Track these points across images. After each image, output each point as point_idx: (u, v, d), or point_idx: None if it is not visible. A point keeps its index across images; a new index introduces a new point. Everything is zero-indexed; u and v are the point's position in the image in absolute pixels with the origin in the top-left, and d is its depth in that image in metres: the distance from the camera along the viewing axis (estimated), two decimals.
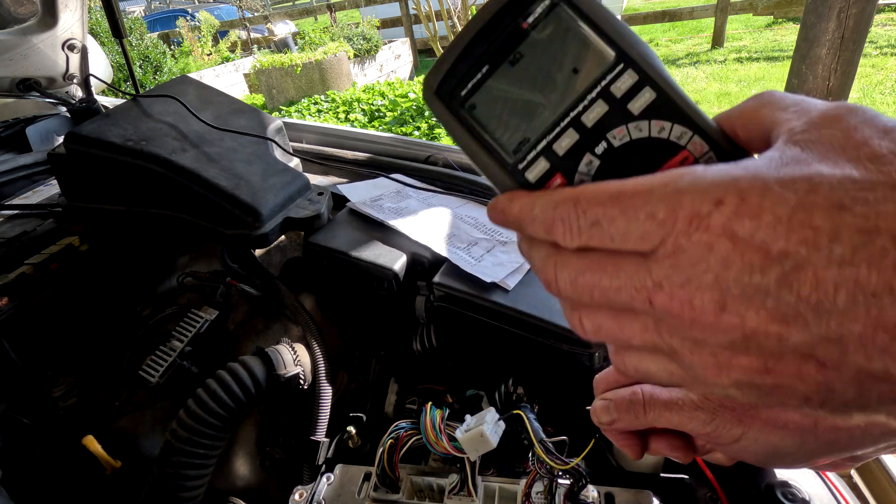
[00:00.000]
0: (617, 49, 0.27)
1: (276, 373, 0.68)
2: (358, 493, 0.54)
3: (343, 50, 5.84)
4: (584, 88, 0.27)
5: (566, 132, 0.28)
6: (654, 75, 0.27)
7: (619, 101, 0.27)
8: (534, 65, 0.28)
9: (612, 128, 0.27)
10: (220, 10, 11.81)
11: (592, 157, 0.27)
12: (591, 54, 0.27)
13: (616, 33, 0.27)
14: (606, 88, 0.27)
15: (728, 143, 0.27)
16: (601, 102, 0.27)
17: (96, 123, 0.83)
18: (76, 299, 0.84)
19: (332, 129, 1.25)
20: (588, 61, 0.27)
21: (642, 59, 0.27)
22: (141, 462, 0.73)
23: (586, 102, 0.27)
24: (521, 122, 0.29)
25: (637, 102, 0.27)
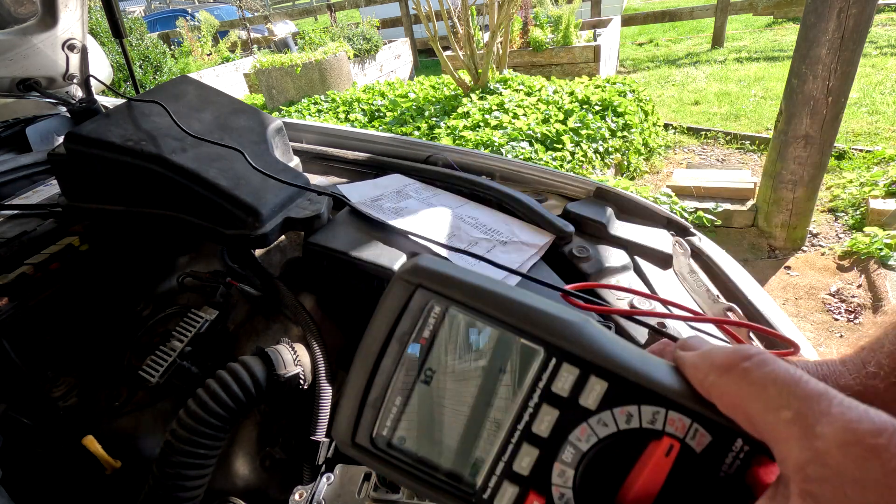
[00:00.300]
0: (542, 342, 0.24)
1: (276, 373, 0.68)
2: (358, 493, 0.54)
3: (343, 50, 5.83)
4: (522, 396, 0.24)
5: (521, 448, 0.24)
6: (597, 360, 0.23)
7: (569, 400, 0.23)
8: (452, 378, 0.24)
9: (573, 429, 0.23)
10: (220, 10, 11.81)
11: (564, 467, 0.23)
12: (513, 353, 0.24)
13: (534, 323, 0.24)
14: (548, 390, 0.23)
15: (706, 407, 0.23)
16: (548, 407, 0.23)
17: (96, 123, 0.83)
18: (76, 299, 0.84)
19: (332, 129, 1.25)
20: (512, 361, 0.24)
21: (576, 344, 0.23)
22: (141, 462, 0.73)
23: (531, 410, 0.24)
24: (463, 444, 0.25)
25: (590, 397, 0.23)
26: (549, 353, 0.23)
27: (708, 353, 0.23)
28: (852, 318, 2.29)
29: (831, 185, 3.35)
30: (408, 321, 0.25)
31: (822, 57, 2.36)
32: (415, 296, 0.25)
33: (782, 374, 0.21)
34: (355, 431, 0.25)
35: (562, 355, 0.23)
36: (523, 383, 0.24)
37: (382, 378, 0.25)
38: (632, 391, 0.23)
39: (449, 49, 5.29)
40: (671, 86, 5.77)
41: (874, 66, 5.21)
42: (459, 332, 0.24)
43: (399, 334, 0.25)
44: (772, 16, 7.82)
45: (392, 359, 0.25)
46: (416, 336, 0.25)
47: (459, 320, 0.24)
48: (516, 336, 0.24)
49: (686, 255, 0.86)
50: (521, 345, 0.24)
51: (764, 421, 0.21)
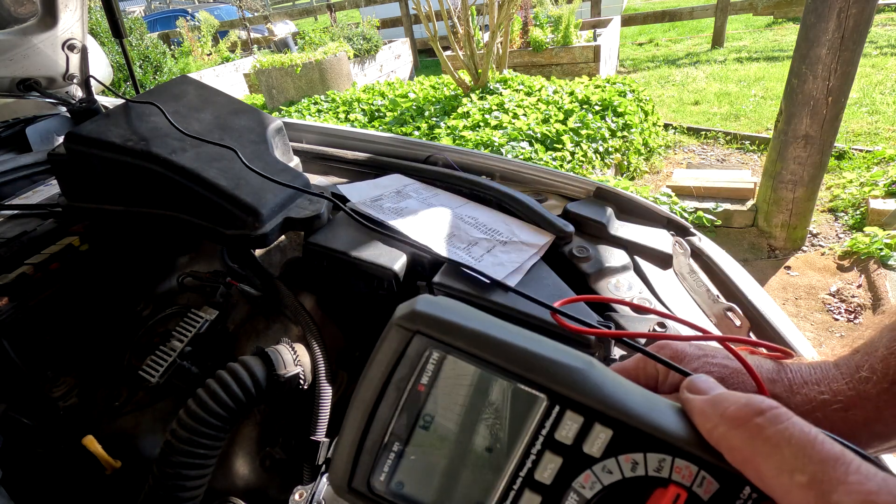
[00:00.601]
0: (544, 389, 0.23)
1: (277, 373, 0.68)
2: None
3: (343, 50, 5.83)
4: (524, 443, 0.23)
5: (523, 495, 0.23)
6: (601, 407, 0.23)
7: (572, 448, 0.23)
8: (451, 424, 0.24)
9: (576, 476, 0.23)
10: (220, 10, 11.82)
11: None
12: (515, 400, 0.23)
13: (537, 370, 0.23)
14: (551, 437, 0.23)
15: (711, 454, 0.23)
16: (551, 455, 0.23)
17: (96, 123, 0.83)
18: (76, 299, 0.84)
19: (332, 129, 1.25)
20: (514, 408, 0.23)
21: (580, 391, 0.23)
22: (141, 462, 0.73)
23: (534, 457, 0.23)
24: (465, 490, 0.24)
25: (594, 445, 0.23)
26: (552, 401, 0.23)
27: (718, 402, 0.23)
28: (852, 318, 2.29)
29: (831, 185, 3.35)
30: (405, 368, 0.24)
31: (822, 57, 2.36)
32: (412, 342, 0.24)
33: (797, 434, 0.20)
34: (352, 476, 0.25)
35: (565, 402, 0.23)
36: (526, 430, 0.23)
37: (380, 424, 0.25)
38: (637, 438, 0.23)
39: (449, 49, 5.29)
40: (671, 86, 5.77)
41: (874, 65, 5.21)
42: (459, 379, 0.24)
43: (396, 380, 0.25)
44: (772, 16, 7.82)
45: (389, 405, 0.25)
46: (413, 383, 0.24)
47: (459, 367, 0.24)
48: (518, 383, 0.23)
49: (686, 255, 0.86)
50: (523, 392, 0.23)
51: (777, 481, 0.20)
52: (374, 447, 0.25)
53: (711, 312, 0.74)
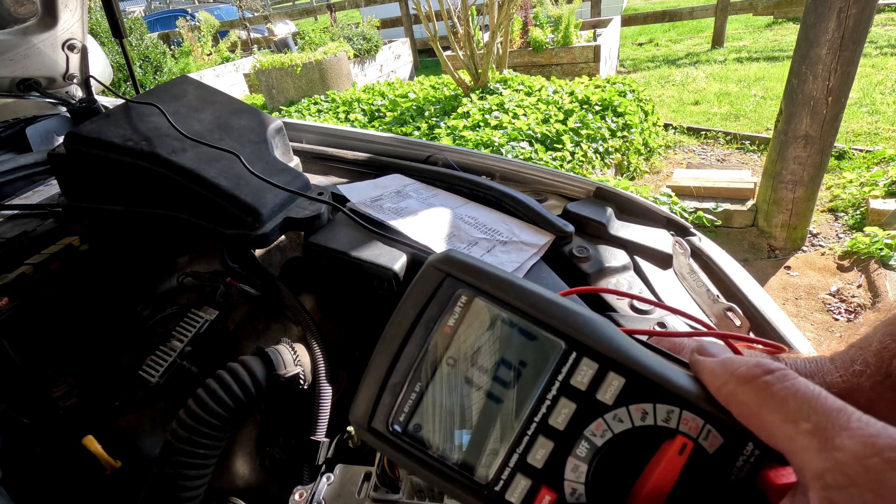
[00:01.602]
0: (564, 336, 0.24)
1: (276, 373, 0.68)
2: (358, 493, 0.54)
3: (343, 50, 5.83)
4: (540, 388, 0.24)
5: (537, 440, 0.24)
6: (616, 356, 0.24)
7: (586, 394, 0.24)
8: (472, 368, 0.25)
9: (588, 423, 0.24)
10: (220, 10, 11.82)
11: (577, 462, 0.24)
12: (535, 346, 0.24)
13: (557, 317, 0.24)
14: (566, 383, 0.24)
15: (718, 410, 0.24)
16: (565, 400, 0.24)
17: (96, 123, 0.83)
18: (76, 299, 0.84)
19: (332, 129, 1.25)
20: (534, 353, 0.24)
21: (597, 340, 0.24)
22: (141, 462, 0.73)
23: (549, 402, 0.24)
24: (478, 435, 0.24)
25: (607, 392, 0.24)
26: (570, 347, 0.24)
27: (728, 362, 0.24)
28: (852, 318, 2.29)
29: (831, 185, 3.35)
30: (435, 308, 0.25)
31: (822, 57, 2.36)
32: (444, 284, 0.25)
33: (802, 389, 0.22)
34: (372, 415, 0.26)
35: (582, 349, 0.24)
36: (543, 376, 0.24)
37: (405, 363, 0.25)
38: (648, 389, 0.24)
39: (449, 49, 5.29)
40: (671, 86, 5.77)
41: (874, 65, 5.21)
42: (484, 323, 0.25)
43: (425, 321, 0.25)
44: (772, 16, 7.82)
45: (416, 345, 0.25)
46: (441, 323, 0.25)
47: (485, 311, 0.25)
48: (539, 328, 0.24)
49: (686, 254, 0.86)
50: (543, 337, 0.24)
51: (782, 431, 0.22)
52: (396, 387, 0.25)
53: (711, 312, 0.74)
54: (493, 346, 0.24)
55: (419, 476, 0.25)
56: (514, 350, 0.24)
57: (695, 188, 3.21)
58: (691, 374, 0.25)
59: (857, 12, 2.21)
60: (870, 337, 0.31)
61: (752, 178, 3.21)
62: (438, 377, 0.25)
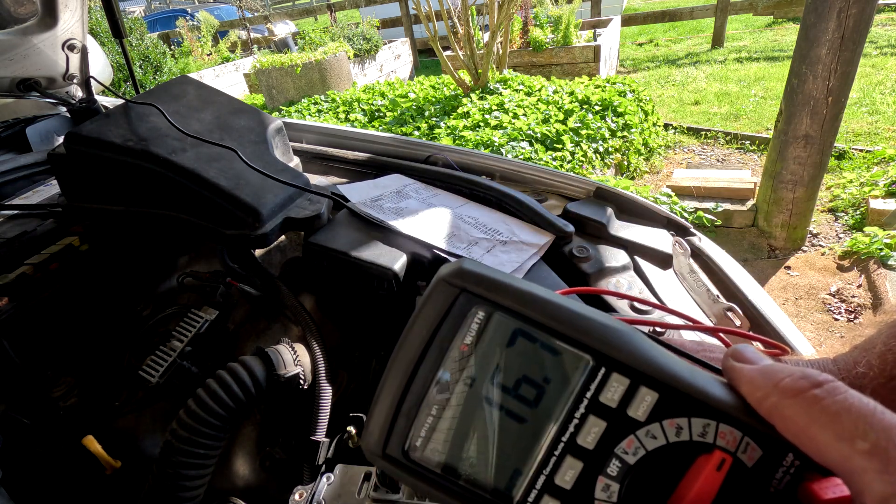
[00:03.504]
0: (591, 350, 0.23)
1: (277, 373, 0.68)
2: (358, 493, 0.54)
3: (343, 50, 5.83)
4: (567, 406, 0.23)
5: (565, 461, 0.23)
6: (648, 370, 0.22)
7: (617, 411, 0.23)
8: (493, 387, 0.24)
9: (619, 441, 0.23)
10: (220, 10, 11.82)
11: (608, 481, 0.23)
12: (559, 362, 0.23)
13: (583, 331, 0.23)
14: (595, 400, 0.23)
15: (757, 421, 0.22)
16: (594, 419, 0.23)
17: (96, 123, 0.83)
18: (76, 299, 0.84)
19: (332, 129, 1.25)
20: (559, 370, 0.23)
21: (627, 353, 0.23)
22: (141, 462, 0.73)
23: (577, 421, 0.23)
24: (502, 457, 0.24)
25: (640, 408, 0.22)
26: (598, 362, 0.23)
27: (770, 372, 0.23)
28: (852, 318, 2.29)
29: (831, 185, 3.35)
30: (449, 327, 0.24)
31: (822, 57, 2.36)
32: (458, 300, 0.24)
33: (857, 404, 0.20)
34: (387, 442, 0.24)
35: (612, 364, 0.23)
36: (570, 393, 0.23)
37: (419, 386, 0.24)
38: (682, 403, 0.22)
39: (449, 49, 5.29)
40: (671, 86, 5.76)
41: (874, 65, 5.21)
42: (504, 340, 0.24)
43: (440, 340, 0.24)
44: (772, 16, 7.82)
45: (430, 366, 0.24)
46: (457, 342, 0.24)
47: (504, 327, 0.23)
48: (564, 343, 0.23)
49: (686, 254, 0.86)
50: (569, 353, 0.23)
51: (835, 450, 0.20)
52: (411, 411, 0.24)
53: (711, 312, 0.74)
54: (515, 364, 0.23)
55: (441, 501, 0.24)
56: (536, 367, 0.23)
57: (695, 188, 3.21)
58: (726, 382, 0.24)
59: (857, 12, 2.21)
60: (874, 339, 0.31)
61: (752, 178, 3.21)
62: (456, 399, 0.24)
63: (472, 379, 0.24)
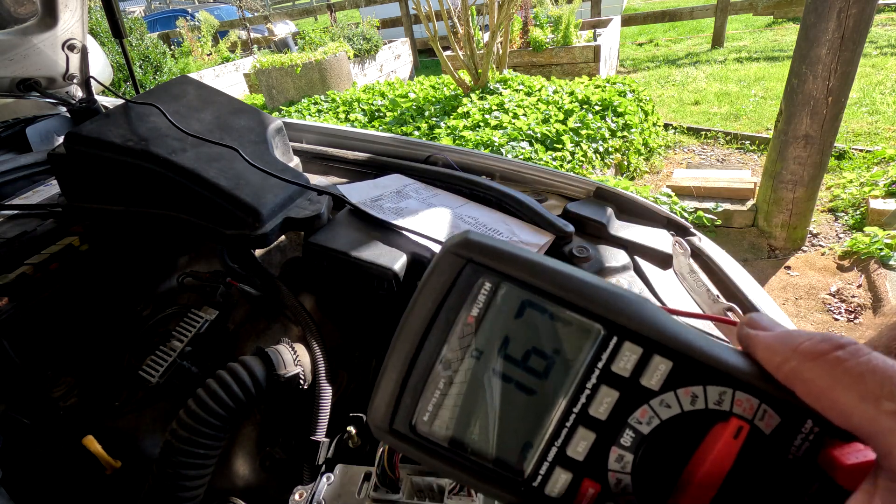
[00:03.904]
0: (602, 320, 0.22)
1: (277, 373, 0.68)
2: (358, 493, 0.54)
3: (343, 50, 5.83)
4: (578, 376, 0.22)
5: (577, 432, 0.23)
6: (661, 338, 0.22)
7: (629, 381, 0.22)
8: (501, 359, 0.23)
9: (633, 411, 0.22)
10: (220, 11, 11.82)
11: (622, 451, 0.23)
12: (570, 331, 0.22)
13: (594, 300, 0.22)
14: (607, 370, 0.22)
15: (774, 387, 0.22)
16: (607, 389, 0.22)
17: (96, 123, 0.83)
18: (76, 299, 0.84)
19: (332, 129, 1.25)
20: (569, 340, 0.23)
21: (640, 322, 0.22)
22: (141, 462, 0.73)
23: (588, 392, 0.22)
24: (512, 430, 0.23)
25: (653, 377, 0.22)
26: (609, 332, 0.22)
27: (789, 337, 0.22)
28: (852, 318, 2.29)
29: (831, 185, 3.35)
30: (455, 298, 0.23)
31: (822, 57, 2.36)
32: (464, 271, 0.23)
33: (881, 365, 0.20)
34: (393, 417, 0.24)
35: (624, 333, 0.22)
36: (580, 364, 0.22)
37: (425, 359, 0.23)
38: (697, 371, 0.22)
39: (449, 49, 5.29)
40: (671, 86, 5.76)
41: (874, 65, 5.21)
42: (512, 311, 0.23)
43: (446, 311, 0.23)
44: (772, 16, 7.82)
45: (436, 339, 0.23)
46: (464, 314, 0.23)
47: (512, 298, 0.23)
48: (575, 313, 0.22)
49: (686, 254, 0.86)
50: (579, 323, 0.22)
51: (860, 412, 0.20)
52: (417, 385, 0.23)
53: (711, 312, 0.74)
54: (523, 335, 0.23)
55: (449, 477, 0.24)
56: (546, 338, 0.23)
57: (695, 188, 3.21)
58: (741, 350, 0.24)
59: (857, 12, 2.21)
60: (875, 340, 0.30)
61: (752, 178, 3.21)
62: (463, 372, 0.23)
63: (480, 351, 0.23)
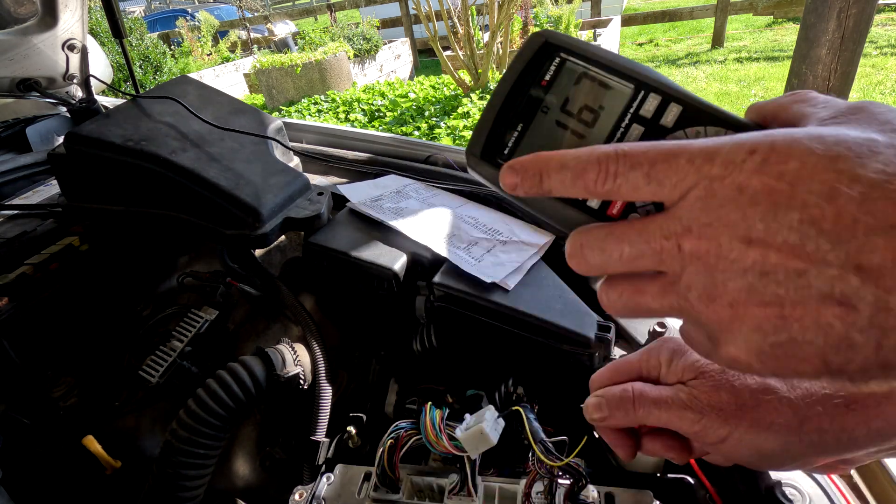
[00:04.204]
0: (633, 81, 0.31)
1: (276, 373, 0.68)
2: (358, 493, 0.54)
3: (343, 50, 5.83)
4: (615, 121, 0.31)
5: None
6: (673, 93, 0.30)
7: (651, 120, 0.30)
8: (564, 111, 0.32)
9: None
10: (220, 10, 11.82)
11: None
12: (611, 92, 0.31)
13: (627, 69, 0.31)
14: (637, 113, 0.30)
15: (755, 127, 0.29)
16: (636, 126, 0.30)
17: (96, 123, 0.83)
18: (76, 299, 0.84)
19: (333, 129, 1.25)
20: (610, 98, 0.31)
21: (658, 83, 0.31)
22: (141, 462, 0.73)
23: (623, 129, 0.30)
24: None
25: (668, 117, 0.30)
26: (638, 87, 0.30)
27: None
28: None
29: None
30: (535, 65, 0.32)
31: (822, 57, 2.36)
32: (542, 47, 0.32)
33: None
34: (485, 147, 0.32)
35: (649, 88, 0.30)
36: (617, 113, 0.30)
37: (510, 108, 0.32)
38: (701, 115, 0.29)
39: (449, 49, 5.29)
40: None
41: (874, 65, 5.21)
42: (572, 80, 0.32)
43: (527, 75, 0.32)
44: (772, 16, 7.82)
45: (519, 92, 0.32)
46: (539, 78, 0.32)
47: (573, 70, 0.32)
48: (616, 78, 0.31)
49: None
50: (618, 84, 0.31)
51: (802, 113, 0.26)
52: (504, 125, 0.32)
53: None
54: (579, 96, 0.31)
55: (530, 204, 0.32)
56: (594, 98, 0.31)
57: None
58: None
59: (857, 12, 2.21)
60: None
61: None
62: (536, 121, 0.32)
63: (548, 107, 0.32)
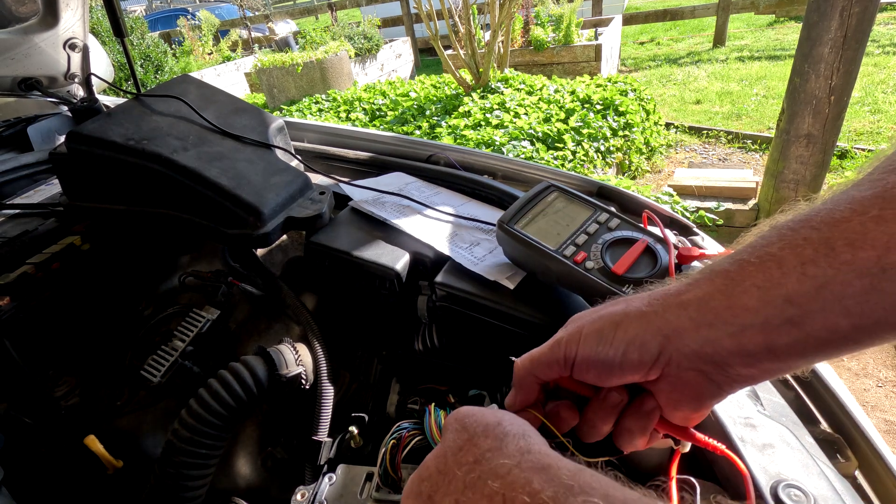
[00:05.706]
0: (593, 206, 0.61)
1: (278, 372, 0.68)
2: (360, 493, 0.54)
3: (344, 49, 5.83)
4: (581, 221, 0.60)
5: (579, 236, 0.59)
6: (616, 212, 0.48)
7: (603, 224, 0.59)
8: (554, 214, 0.61)
9: (603, 234, 0.58)
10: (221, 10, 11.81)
11: (596, 244, 0.58)
12: (581, 210, 0.61)
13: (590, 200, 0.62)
14: (594, 219, 0.60)
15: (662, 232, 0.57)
16: (593, 224, 0.59)
17: (98, 122, 0.83)
18: (78, 299, 0.84)
19: (334, 129, 1.25)
20: (580, 213, 0.61)
21: (607, 206, 0.57)
22: (143, 462, 0.73)
23: (587, 227, 0.59)
24: (555, 234, 0.60)
25: (612, 223, 0.59)
26: (595, 210, 0.57)
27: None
28: None
29: (833, 184, 3.33)
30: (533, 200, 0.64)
31: (824, 56, 2.35)
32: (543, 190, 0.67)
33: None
34: (508, 223, 0.61)
35: (601, 209, 0.60)
36: (582, 218, 0.60)
37: (525, 210, 0.62)
38: (629, 224, 0.48)
39: (450, 48, 5.28)
40: (673, 85, 5.76)
41: (876, 64, 5.20)
42: (559, 203, 0.63)
43: (532, 199, 0.66)
44: (774, 14, 7.80)
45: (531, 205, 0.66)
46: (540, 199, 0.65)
47: (559, 197, 0.64)
48: (583, 204, 0.63)
49: None
50: (584, 206, 0.62)
51: None
52: (519, 214, 0.62)
53: None
54: (562, 210, 0.62)
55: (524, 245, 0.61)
56: (572, 211, 0.58)
57: (696, 187, 3.21)
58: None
59: (860, 11, 2.21)
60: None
61: (753, 178, 3.21)
62: (540, 215, 0.61)
63: (545, 213, 0.61)
